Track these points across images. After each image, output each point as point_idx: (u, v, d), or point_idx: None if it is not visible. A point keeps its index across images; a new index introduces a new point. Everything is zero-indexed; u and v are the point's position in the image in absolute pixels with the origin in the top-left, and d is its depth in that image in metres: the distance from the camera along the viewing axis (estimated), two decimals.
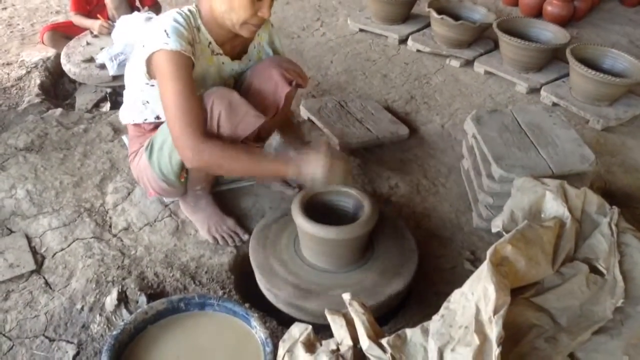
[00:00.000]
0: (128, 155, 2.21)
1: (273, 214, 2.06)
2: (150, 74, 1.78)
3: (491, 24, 3.49)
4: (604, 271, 1.55)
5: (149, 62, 1.74)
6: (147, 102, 1.92)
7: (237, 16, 1.74)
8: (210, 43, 1.84)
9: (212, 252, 2.03)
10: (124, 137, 2.53)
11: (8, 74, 3.42)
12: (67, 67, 3.14)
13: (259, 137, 2.09)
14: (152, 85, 1.82)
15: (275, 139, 2.41)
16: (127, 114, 2.03)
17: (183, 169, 1.93)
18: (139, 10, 3.45)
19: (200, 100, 1.75)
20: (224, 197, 2.23)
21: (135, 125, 2.03)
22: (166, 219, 2.14)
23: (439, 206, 2.40)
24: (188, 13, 1.79)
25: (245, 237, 2.05)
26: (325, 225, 1.72)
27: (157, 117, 1.96)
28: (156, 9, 3.63)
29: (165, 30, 1.69)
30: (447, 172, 2.62)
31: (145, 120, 1.98)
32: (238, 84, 1.98)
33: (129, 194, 2.25)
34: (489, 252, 1.44)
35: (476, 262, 2.10)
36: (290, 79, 1.93)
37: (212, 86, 1.83)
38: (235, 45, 1.93)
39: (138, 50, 1.79)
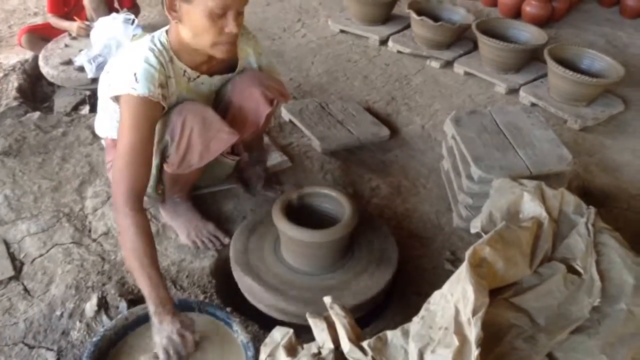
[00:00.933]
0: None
1: (254, 216, 2.06)
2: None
3: (470, 25, 3.52)
4: (581, 271, 1.57)
5: (115, 99, 1.73)
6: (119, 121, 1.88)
7: (204, 40, 1.69)
8: (185, 72, 1.81)
9: (193, 256, 2.02)
10: (103, 141, 2.50)
11: None
12: (45, 69, 3.10)
13: (232, 151, 2.10)
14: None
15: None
16: (102, 128, 2.01)
17: (159, 181, 1.92)
18: (117, 11, 3.42)
19: (149, 157, 1.71)
20: (204, 200, 2.22)
21: (111, 139, 2.01)
22: None
23: (419, 207, 2.41)
24: (160, 47, 1.74)
25: (226, 240, 2.05)
26: (306, 228, 1.73)
27: None
28: (135, 10, 3.60)
29: (135, 74, 1.66)
30: (427, 173, 2.64)
31: None
32: (218, 98, 1.97)
33: (108, 198, 2.23)
34: (467, 254, 1.45)
35: (456, 262, 2.12)
36: (271, 98, 1.92)
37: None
38: (213, 64, 1.88)
39: (105, 75, 1.77)
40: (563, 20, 4.25)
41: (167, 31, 1.79)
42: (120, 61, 1.74)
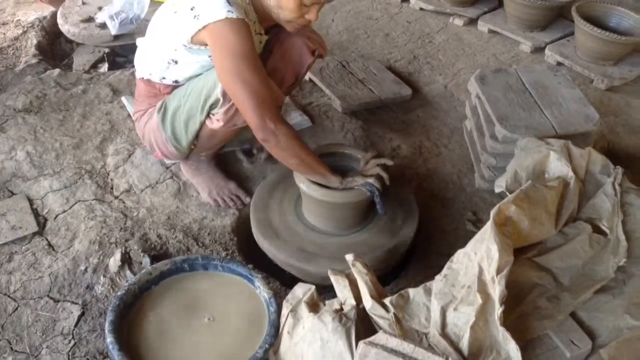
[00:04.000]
0: (133, 113, 2.17)
1: (275, 175, 2.05)
2: (196, 40, 1.69)
3: None
4: (607, 231, 1.55)
5: (200, 30, 1.64)
6: (176, 62, 1.82)
7: (284, 15, 1.71)
8: (254, 22, 1.79)
9: (214, 214, 2.03)
10: (123, 98, 2.49)
11: (4, 33, 3.36)
12: (65, 27, 3.08)
13: None
14: (190, 49, 1.74)
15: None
16: (145, 67, 1.93)
17: (197, 137, 1.91)
18: None
19: (264, 68, 1.70)
20: (226, 159, 2.22)
21: (148, 82, 1.95)
22: (168, 181, 2.13)
23: (441, 168, 2.39)
24: None
25: (247, 200, 2.05)
26: (327, 188, 1.72)
27: (176, 82, 1.89)
28: None
29: (227, 1, 1.60)
30: (449, 133, 2.60)
31: (163, 79, 1.90)
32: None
33: (129, 155, 2.23)
34: (492, 212, 1.44)
35: (478, 223, 2.11)
36: (313, 48, 1.93)
37: None
38: (272, 24, 1.86)
39: (182, 11, 1.68)
40: None
41: None
42: None
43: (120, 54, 3.15)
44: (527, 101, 2.23)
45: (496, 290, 1.28)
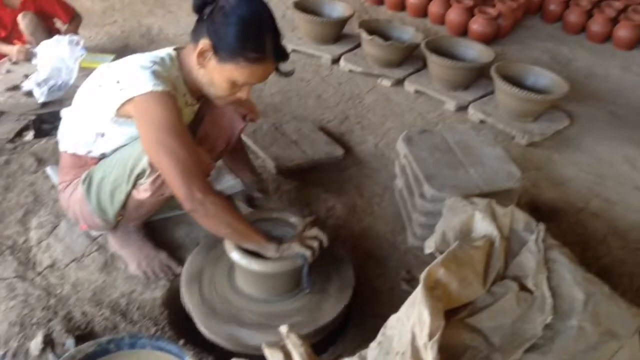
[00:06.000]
0: (57, 184, 2.11)
1: (208, 242, 2.01)
2: (122, 113, 1.68)
3: (419, 43, 3.58)
4: (533, 288, 1.60)
5: (125, 103, 1.64)
6: (103, 135, 1.80)
7: (214, 92, 1.74)
8: (185, 94, 1.80)
9: (144, 286, 1.96)
10: (48, 169, 2.41)
11: None
12: None
13: None
14: (117, 122, 1.73)
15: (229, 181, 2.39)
16: (70, 141, 1.89)
17: (123, 207, 1.86)
18: (59, 31, 3.33)
19: (191, 139, 1.69)
20: (155, 227, 2.17)
21: (74, 155, 1.91)
22: (94, 254, 2.06)
23: (375, 226, 2.42)
24: (169, 63, 1.73)
25: (178, 270, 1.99)
26: (258, 258, 1.70)
27: (103, 154, 1.86)
28: (75, 22, 3.50)
29: (153, 72, 1.62)
30: (382, 191, 2.65)
31: (89, 152, 1.87)
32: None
33: (54, 228, 2.14)
34: (422, 276, 1.46)
35: (412, 282, 2.13)
36: (243, 113, 1.96)
37: None
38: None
39: (108, 85, 1.69)
40: (508, 37, 4.38)
41: (176, 49, 1.78)
42: (126, 68, 1.68)
43: (47, 121, 3.06)
44: (452, 160, 2.31)
45: (429, 357, 1.28)
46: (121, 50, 3.68)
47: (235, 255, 1.71)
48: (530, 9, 4.60)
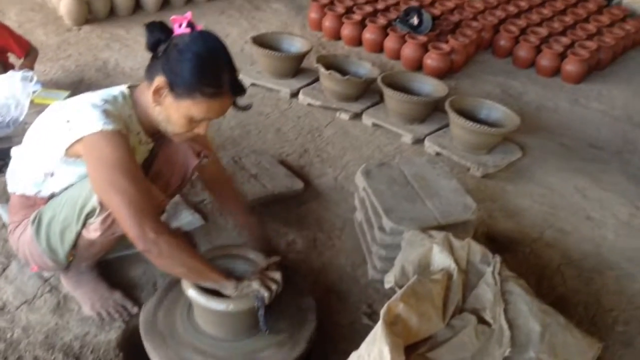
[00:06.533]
0: (7, 224, 2.05)
1: (165, 281, 1.97)
2: (71, 153, 1.66)
3: (376, 78, 3.65)
4: (491, 321, 1.62)
5: (75, 143, 1.62)
6: (52, 174, 1.77)
7: (172, 128, 1.72)
8: (139, 133, 1.78)
9: (98, 328, 1.90)
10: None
11: None
12: None
13: None
14: (66, 162, 1.70)
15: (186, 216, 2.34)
16: (19, 182, 1.85)
17: (74, 247, 1.81)
18: (13, 67, 3.27)
19: (143, 176, 1.68)
20: (109, 266, 2.11)
21: (22, 196, 1.87)
22: (46, 295, 1.99)
23: (335, 260, 2.42)
24: (122, 102, 1.71)
25: (134, 310, 1.94)
26: (216, 297, 1.67)
27: (52, 194, 1.82)
28: (32, 57, 3.44)
29: (104, 111, 1.61)
30: (342, 224, 2.66)
31: (39, 192, 1.83)
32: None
33: (4, 270, 2.07)
34: (382, 312, 1.46)
35: (373, 316, 2.13)
36: (198, 150, 1.93)
37: None
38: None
39: (58, 124, 1.67)
40: (462, 72, 4.51)
41: (129, 87, 1.76)
42: (76, 107, 1.66)
43: None
44: (410, 193, 2.34)
45: None
46: (76, 85, 3.63)
47: (192, 293, 1.68)
48: (481, 44, 4.76)
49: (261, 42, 4.00)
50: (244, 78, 4.07)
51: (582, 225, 2.82)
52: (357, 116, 3.70)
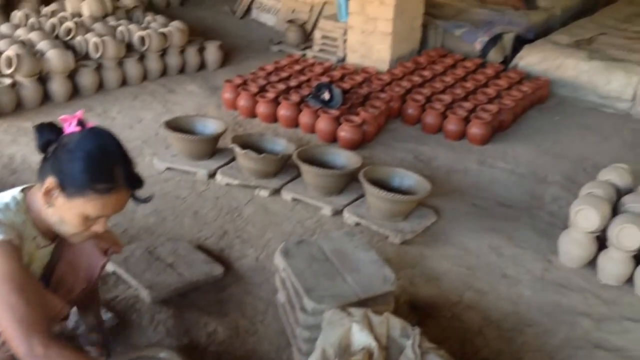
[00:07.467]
0: None
1: None
2: None
3: (292, 154, 3.70)
4: None
5: None
6: None
7: (67, 229, 1.66)
8: (35, 237, 1.70)
9: None
10: None
11: None
12: None
13: None
14: None
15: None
16: None
17: None
18: None
19: (37, 285, 1.59)
20: None
21: None
22: None
23: (259, 347, 2.35)
24: (14, 206, 1.63)
25: None
26: None
27: None
28: None
29: None
30: (264, 307, 2.60)
31: None
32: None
33: None
34: None
35: None
36: (105, 247, 1.86)
37: None
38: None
39: None
40: (375, 141, 4.65)
41: (23, 190, 1.69)
42: None
43: None
44: (329, 270, 2.34)
45: None
46: None
47: None
48: (391, 113, 4.95)
49: (175, 125, 3.99)
50: (158, 162, 4.03)
51: (499, 284, 2.89)
52: (276, 192, 3.72)
